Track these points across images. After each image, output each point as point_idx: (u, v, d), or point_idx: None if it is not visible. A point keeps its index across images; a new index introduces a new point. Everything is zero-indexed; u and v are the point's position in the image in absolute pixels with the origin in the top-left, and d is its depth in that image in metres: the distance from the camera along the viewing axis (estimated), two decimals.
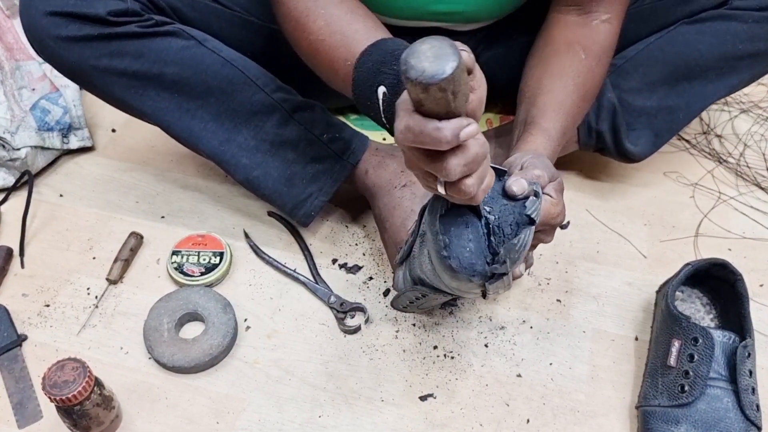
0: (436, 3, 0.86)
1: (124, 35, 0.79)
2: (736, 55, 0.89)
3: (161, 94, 0.83)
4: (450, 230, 0.60)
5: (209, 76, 0.83)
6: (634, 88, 0.92)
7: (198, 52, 0.83)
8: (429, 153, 0.49)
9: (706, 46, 0.89)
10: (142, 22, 0.80)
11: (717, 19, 0.88)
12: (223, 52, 0.84)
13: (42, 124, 1.04)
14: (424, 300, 0.75)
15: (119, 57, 0.80)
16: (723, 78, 0.91)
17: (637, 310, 0.89)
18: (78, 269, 0.93)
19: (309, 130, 0.88)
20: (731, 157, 1.09)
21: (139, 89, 0.82)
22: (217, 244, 0.93)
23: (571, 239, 0.97)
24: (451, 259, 0.59)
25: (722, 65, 0.90)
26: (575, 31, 0.83)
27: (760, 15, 0.86)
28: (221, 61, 0.84)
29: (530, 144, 0.76)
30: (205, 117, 0.85)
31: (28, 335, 0.86)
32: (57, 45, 0.79)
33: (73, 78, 0.86)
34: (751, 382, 0.73)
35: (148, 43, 0.80)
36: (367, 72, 0.67)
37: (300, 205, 0.90)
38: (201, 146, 0.87)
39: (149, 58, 0.81)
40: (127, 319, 0.88)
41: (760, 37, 0.87)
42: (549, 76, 0.82)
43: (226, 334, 0.83)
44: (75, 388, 0.68)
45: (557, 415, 0.79)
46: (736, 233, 0.98)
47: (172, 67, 0.81)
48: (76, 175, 1.07)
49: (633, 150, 0.94)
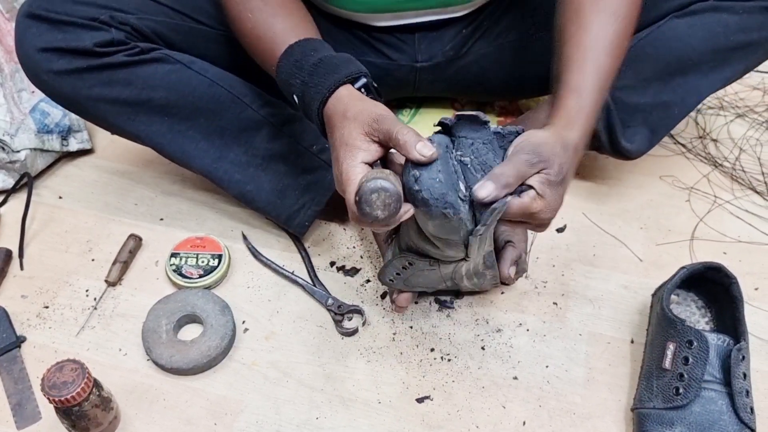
0: None
1: (112, 65, 0.82)
2: (729, 46, 0.88)
3: (152, 118, 0.85)
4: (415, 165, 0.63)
5: (197, 97, 0.85)
6: (628, 85, 0.91)
7: (185, 75, 0.85)
8: None
9: (697, 40, 0.88)
10: (128, 51, 0.82)
11: (707, 11, 0.87)
12: (209, 72, 0.87)
13: (41, 126, 1.04)
14: (411, 271, 0.76)
15: (109, 86, 0.83)
16: (717, 71, 0.90)
17: (633, 313, 0.89)
18: (77, 271, 0.94)
19: (298, 142, 0.90)
20: (726, 161, 1.10)
21: (131, 115, 0.85)
22: (216, 247, 0.93)
23: (568, 243, 0.97)
24: (422, 191, 0.62)
25: (715, 58, 0.89)
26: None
27: (751, 5, 0.85)
28: (208, 81, 0.86)
29: (558, 109, 0.70)
30: (196, 137, 0.88)
31: (27, 336, 0.86)
32: (51, 79, 0.82)
33: (69, 107, 0.88)
34: (745, 384, 0.74)
35: (136, 71, 0.83)
36: (282, 82, 0.76)
37: (294, 216, 0.92)
38: (194, 165, 0.90)
39: (137, 84, 0.83)
40: (125, 321, 0.88)
41: (752, 27, 0.86)
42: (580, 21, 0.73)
43: (224, 335, 0.84)
44: (74, 389, 0.69)
45: (553, 417, 0.79)
46: (732, 237, 0.99)
47: (160, 91, 0.84)
48: (75, 177, 1.07)
49: (629, 147, 0.94)
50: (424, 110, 1.17)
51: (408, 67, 1.01)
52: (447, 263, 0.74)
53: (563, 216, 1.01)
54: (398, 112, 1.17)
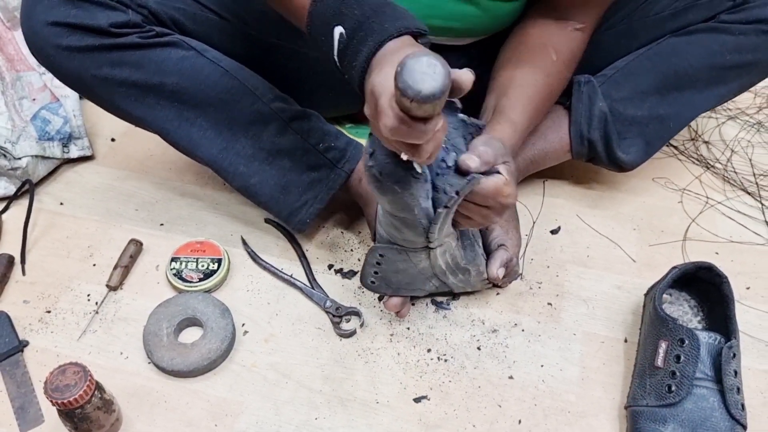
0: (431, 18, 0.87)
1: (124, 46, 0.80)
2: (725, 65, 0.91)
3: (161, 103, 0.84)
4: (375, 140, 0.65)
5: (208, 85, 0.84)
6: (625, 97, 0.93)
7: (197, 62, 0.84)
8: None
9: (695, 57, 0.91)
10: (142, 33, 0.81)
11: (705, 31, 0.91)
12: (222, 62, 0.86)
13: (42, 133, 1.05)
14: (385, 265, 0.78)
15: (119, 67, 0.81)
16: (712, 88, 0.93)
17: (627, 313, 0.91)
18: (78, 276, 0.95)
19: (305, 139, 0.90)
20: (718, 162, 1.11)
21: (139, 98, 0.83)
22: (216, 251, 0.95)
23: (562, 244, 0.99)
24: (374, 167, 0.64)
25: (711, 75, 0.92)
26: (551, 34, 0.87)
27: (747, 27, 0.89)
28: (221, 71, 0.85)
29: (497, 132, 0.79)
30: (204, 125, 0.86)
31: (29, 341, 0.87)
32: (58, 54, 0.80)
33: (74, 87, 0.87)
34: (736, 382, 0.75)
35: (148, 54, 0.81)
36: (326, 8, 0.66)
37: (295, 213, 0.92)
38: (199, 153, 0.88)
39: (149, 68, 0.82)
40: (126, 325, 0.89)
41: (747, 48, 0.90)
42: (521, 71, 0.85)
43: (224, 338, 0.85)
44: (76, 392, 0.70)
45: (548, 415, 0.81)
46: (724, 237, 1.00)
47: (171, 77, 0.83)
48: (76, 183, 1.09)
49: (624, 158, 0.96)
50: None
51: None
52: (415, 252, 0.76)
53: (558, 218, 1.02)
54: None
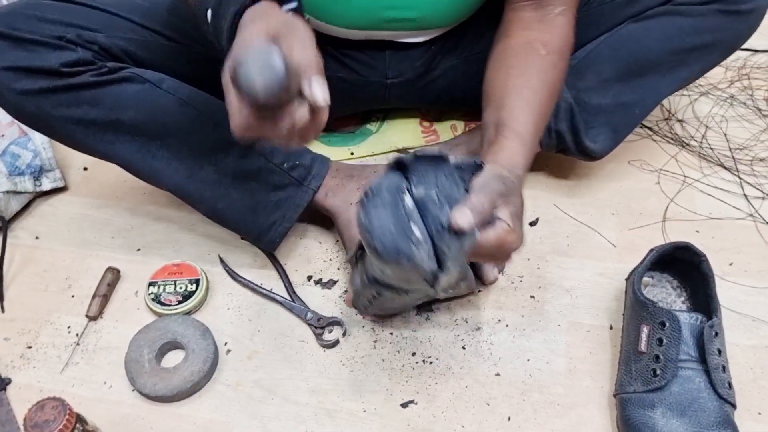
0: (387, 9, 0.87)
1: (78, 86, 0.80)
2: (684, 48, 0.90)
3: (121, 138, 0.84)
4: (370, 212, 0.61)
5: (167, 117, 0.84)
6: (590, 86, 0.93)
7: (153, 95, 0.84)
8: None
9: (654, 42, 0.91)
10: (95, 71, 0.81)
11: (662, 15, 0.90)
12: (179, 92, 0.85)
13: (13, 169, 1.05)
14: (381, 299, 0.76)
15: (76, 106, 0.81)
16: (674, 72, 0.93)
17: (610, 300, 0.90)
18: (57, 308, 0.94)
19: (269, 159, 0.90)
20: (693, 140, 1.11)
21: (99, 134, 0.84)
22: (193, 272, 0.94)
23: (541, 235, 0.98)
24: (374, 241, 0.60)
25: (672, 59, 0.91)
26: (532, 28, 0.84)
27: (704, 8, 0.88)
28: (178, 101, 0.85)
29: (506, 151, 0.75)
30: (166, 156, 0.87)
31: (12, 378, 0.87)
32: (14, 98, 0.80)
33: (35, 127, 0.87)
34: (720, 360, 0.74)
35: (104, 91, 0.81)
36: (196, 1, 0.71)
37: (265, 233, 0.92)
38: (164, 183, 0.89)
39: (105, 105, 0.82)
40: (109, 354, 0.89)
41: (705, 29, 0.89)
42: (514, 77, 0.82)
43: (206, 359, 0.84)
44: (55, 427, 0.68)
45: (537, 409, 0.80)
46: (703, 214, 1.00)
47: (128, 112, 0.83)
48: (50, 216, 1.08)
49: (593, 147, 0.95)
50: (390, 121, 1.18)
51: (378, 83, 1.02)
52: (414, 292, 0.74)
53: (535, 209, 1.01)
54: (365, 122, 1.17)
